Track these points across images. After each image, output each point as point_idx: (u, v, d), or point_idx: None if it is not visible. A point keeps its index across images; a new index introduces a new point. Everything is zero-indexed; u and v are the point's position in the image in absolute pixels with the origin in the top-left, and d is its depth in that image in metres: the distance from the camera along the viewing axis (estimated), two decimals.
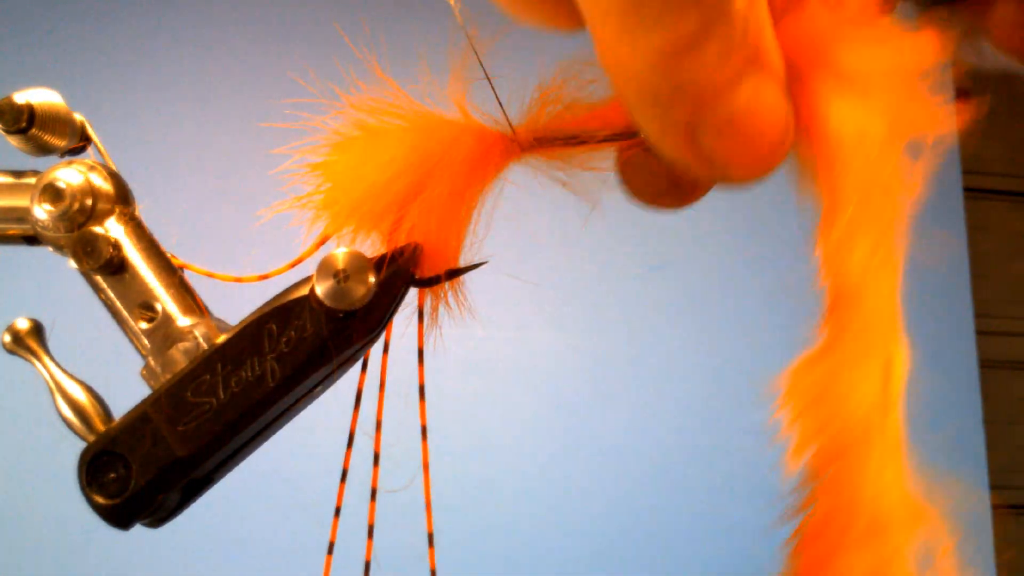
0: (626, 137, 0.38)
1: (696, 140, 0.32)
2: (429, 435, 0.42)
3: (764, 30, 0.31)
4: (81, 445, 0.39)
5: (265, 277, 0.43)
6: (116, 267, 0.41)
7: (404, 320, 0.42)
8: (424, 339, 0.41)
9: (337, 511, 0.41)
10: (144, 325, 0.41)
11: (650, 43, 0.30)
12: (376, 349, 0.41)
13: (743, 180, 0.35)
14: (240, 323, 0.40)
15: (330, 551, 0.40)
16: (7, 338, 0.42)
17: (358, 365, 0.42)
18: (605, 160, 0.39)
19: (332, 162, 0.39)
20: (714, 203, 0.44)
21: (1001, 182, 2.18)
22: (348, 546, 0.42)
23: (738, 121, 0.32)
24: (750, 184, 0.36)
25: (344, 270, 0.38)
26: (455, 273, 0.41)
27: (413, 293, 0.41)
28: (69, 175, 0.40)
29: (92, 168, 0.41)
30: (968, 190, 2.00)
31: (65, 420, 0.40)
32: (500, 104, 0.39)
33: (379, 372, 0.41)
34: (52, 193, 0.40)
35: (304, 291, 0.39)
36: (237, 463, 0.42)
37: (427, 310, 0.41)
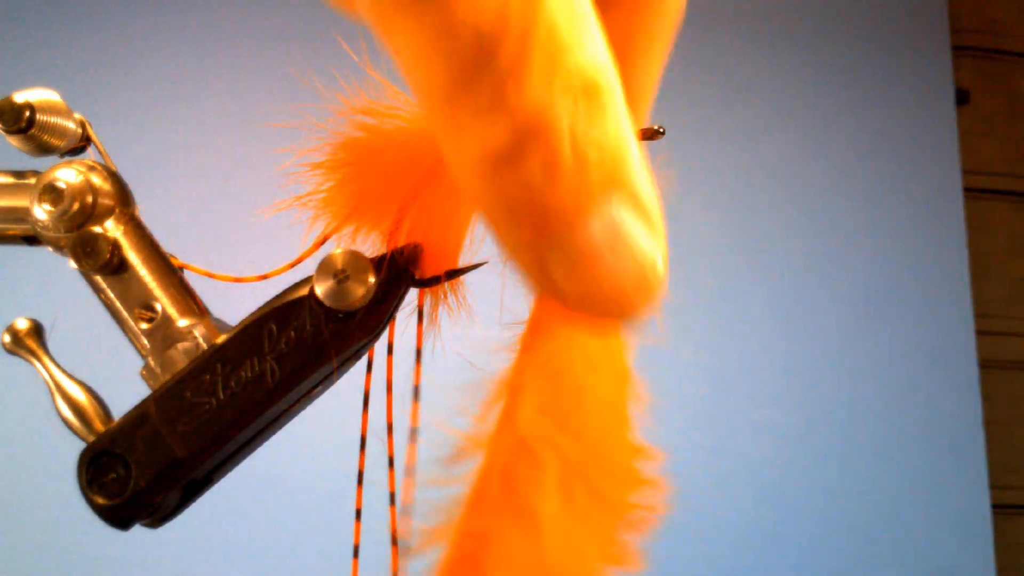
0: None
1: (544, 269, 0.27)
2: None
3: (620, 145, 0.25)
4: (80, 445, 0.39)
5: (265, 277, 0.43)
6: (116, 267, 0.41)
7: (404, 319, 0.42)
8: (423, 340, 0.41)
9: (358, 514, 0.41)
10: (144, 325, 0.41)
11: (468, 148, 0.25)
12: (381, 350, 0.41)
13: (605, 318, 0.29)
14: (240, 323, 0.40)
15: (356, 555, 0.40)
16: (6, 338, 0.41)
17: (363, 367, 0.42)
18: None
19: (332, 162, 0.39)
20: (714, 203, 0.44)
21: (1001, 182, 2.18)
22: (345, 544, 0.42)
23: (587, 256, 0.26)
24: (610, 324, 0.33)
25: (344, 270, 0.38)
26: (455, 273, 0.41)
27: (413, 293, 0.41)
28: (69, 175, 0.40)
29: (92, 168, 0.41)
30: (968, 190, 2.00)
31: (64, 420, 0.40)
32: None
33: (384, 374, 0.41)
34: (52, 193, 0.40)
35: (304, 291, 0.39)
36: (237, 463, 0.42)
37: (426, 310, 0.41)
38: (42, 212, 0.40)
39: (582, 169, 0.25)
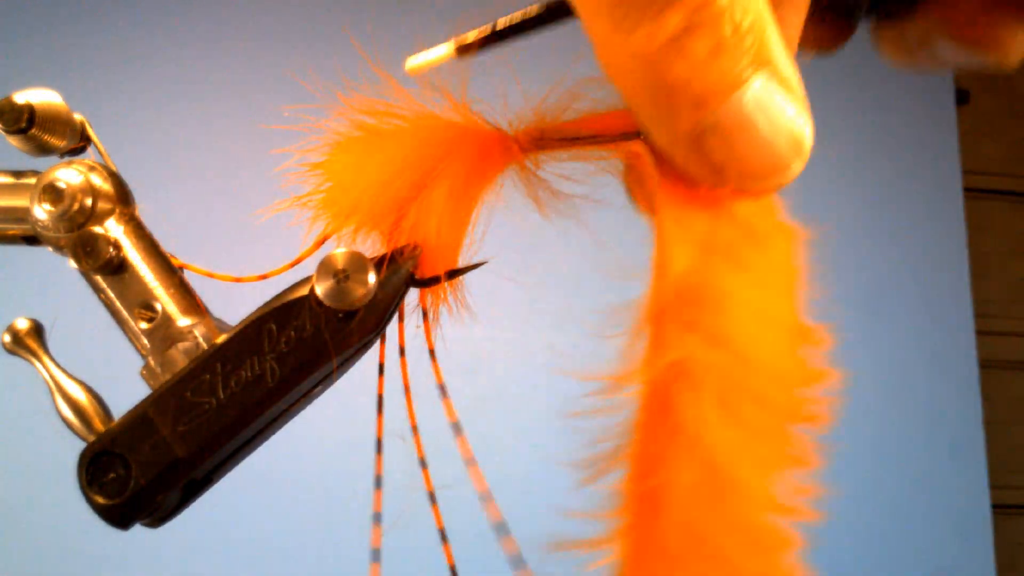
0: (626, 138, 0.38)
1: (703, 147, 0.31)
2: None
3: (764, 29, 0.30)
4: (81, 445, 0.39)
5: (265, 277, 0.42)
6: (116, 267, 0.41)
7: (405, 320, 0.41)
8: (430, 338, 0.41)
9: (377, 517, 0.40)
10: (144, 325, 0.41)
11: (637, 40, 0.29)
12: (392, 353, 0.41)
13: (757, 192, 0.33)
14: (240, 323, 0.40)
15: (376, 559, 0.40)
16: (7, 338, 0.41)
17: (364, 366, 0.42)
18: (604, 162, 0.39)
19: (332, 162, 0.39)
20: None
21: (1001, 182, 2.18)
22: (355, 545, 0.42)
23: (744, 125, 0.31)
24: (766, 195, 0.34)
25: (344, 270, 0.38)
26: (455, 273, 0.41)
27: (413, 293, 0.41)
28: (69, 175, 0.40)
29: (92, 168, 0.41)
30: (968, 190, 2.00)
31: (65, 420, 0.40)
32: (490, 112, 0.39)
33: (388, 376, 0.41)
34: (52, 193, 0.40)
35: (304, 291, 0.39)
36: (237, 463, 0.42)
37: (428, 310, 0.41)
38: (42, 212, 0.40)
39: (739, 40, 0.29)
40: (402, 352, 0.41)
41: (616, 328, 0.35)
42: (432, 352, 0.41)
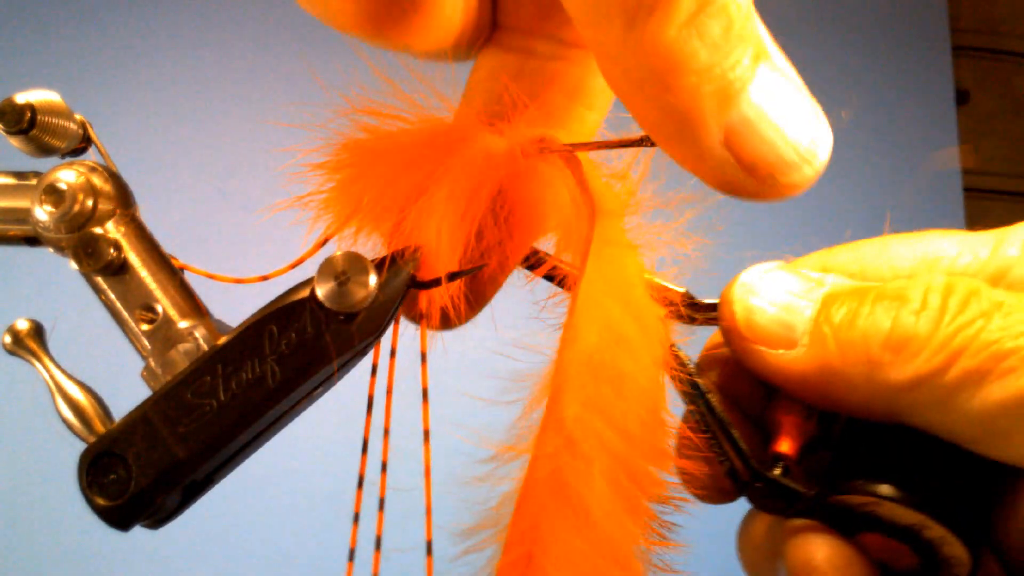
0: (625, 144, 0.38)
1: (733, 148, 0.31)
2: (438, 436, 0.41)
3: (755, 18, 0.31)
4: (81, 446, 0.39)
5: (266, 278, 0.43)
6: (117, 268, 0.41)
7: (405, 321, 0.41)
8: (426, 341, 0.41)
9: (356, 517, 0.41)
10: (144, 326, 0.41)
11: (652, 30, 0.29)
12: (383, 353, 0.41)
13: (794, 187, 0.34)
14: (241, 325, 0.40)
15: (351, 558, 0.40)
16: (7, 339, 0.42)
17: (368, 369, 0.42)
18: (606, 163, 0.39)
19: (334, 163, 0.39)
20: (712, 204, 0.44)
21: (1001, 182, 2.18)
22: (344, 546, 0.42)
23: (765, 114, 0.31)
24: (801, 189, 0.34)
25: (345, 272, 0.38)
26: (456, 276, 0.41)
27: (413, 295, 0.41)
28: (70, 176, 0.41)
29: (93, 169, 0.41)
30: (968, 190, 2.00)
31: (65, 421, 0.40)
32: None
33: (382, 377, 0.41)
34: (53, 194, 0.40)
35: (305, 293, 0.39)
36: (237, 464, 0.42)
37: (425, 313, 0.41)
38: (43, 213, 0.40)
39: (744, 21, 0.29)
40: (392, 354, 0.41)
41: (516, 395, 0.37)
42: (424, 356, 0.41)
